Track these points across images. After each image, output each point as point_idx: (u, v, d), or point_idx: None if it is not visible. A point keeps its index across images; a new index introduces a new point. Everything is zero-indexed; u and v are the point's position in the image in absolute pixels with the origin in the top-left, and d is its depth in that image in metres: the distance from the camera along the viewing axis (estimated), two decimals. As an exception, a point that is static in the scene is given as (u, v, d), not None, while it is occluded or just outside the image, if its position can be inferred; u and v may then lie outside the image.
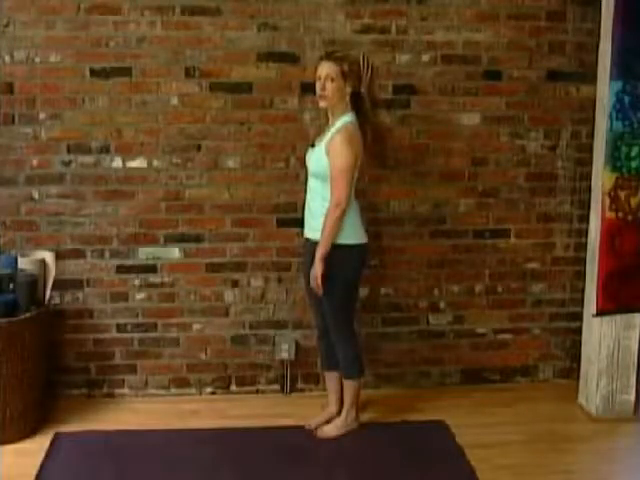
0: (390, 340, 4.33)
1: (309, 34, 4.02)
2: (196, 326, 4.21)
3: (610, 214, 3.85)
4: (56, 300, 4.09)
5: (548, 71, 4.20)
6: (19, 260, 3.82)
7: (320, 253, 3.48)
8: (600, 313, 3.96)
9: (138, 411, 4.06)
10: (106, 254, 4.10)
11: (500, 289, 4.37)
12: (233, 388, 4.28)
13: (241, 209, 4.12)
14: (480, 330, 4.39)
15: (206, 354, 4.24)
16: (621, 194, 3.84)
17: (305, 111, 4.06)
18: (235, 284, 4.19)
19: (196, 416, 4.01)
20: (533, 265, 4.37)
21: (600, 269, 3.91)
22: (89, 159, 4.02)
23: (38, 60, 3.91)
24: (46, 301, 3.85)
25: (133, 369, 4.21)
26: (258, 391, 4.30)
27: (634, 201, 3.85)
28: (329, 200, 3.49)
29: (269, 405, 4.16)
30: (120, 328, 4.17)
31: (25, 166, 3.99)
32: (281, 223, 4.15)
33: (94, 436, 3.76)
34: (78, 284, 4.12)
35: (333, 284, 3.53)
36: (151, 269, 4.14)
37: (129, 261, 4.12)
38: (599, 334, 4.02)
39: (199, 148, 4.06)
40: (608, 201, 3.84)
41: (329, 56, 3.58)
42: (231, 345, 4.25)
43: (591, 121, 4.11)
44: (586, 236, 4.16)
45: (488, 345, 4.41)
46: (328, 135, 3.54)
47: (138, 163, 4.04)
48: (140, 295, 4.16)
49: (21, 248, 4.00)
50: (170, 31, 3.95)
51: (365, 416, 3.96)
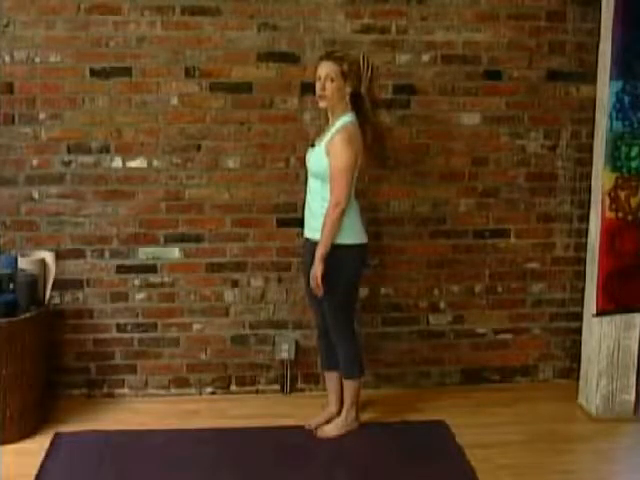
0: (390, 340, 4.33)
1: (309, 34, 4.02)
2: (196, 326, 4.21)
3: (610, 214, 3.85)
4: (56, 300, 4.09)
5: (548, 71, 4.20)
6: (19, 260, 3.82)
7: (320, 253, 3.47)
8: (600, 313, 3.95)
9: (138, 411, 4.06)
10: (106, 254, 4.10)
11: (500, 289, 4.37)
12: (233, 388, 4.28)
13: (241, 209, 4.12)
14: (480, 330, 4.39)
15: (206, 354, 4.24)
16: (621, 194, 3.84)
17: (305, 111, 4.06)
18: (235, 284, 4.19)
19: (196, 416, 4.01)
20: (533, 265, 4.37)
21: (600, 269, 3.90)
22: (89, 159, 4.02)
23: (38, 60, 3.91)
24: (46, 301, 3.86)
25: (133, 369, 4.21)
26: (258, 391, 4.30)
27: (634, 201, 3.84)
28: (329, 200, 3.50)
29: (269, 405, 4.16)
30: (120, 328, 4.17)
31: (25, 166, 3.99)
32: (281, 223, 4.15)
33: (94, 436, 3.76)
34: (78, 284, 4.12)
35: (333, 284, 3.53)
36: (151, 269, 4.14)
37: (129, 261, 4.12)
38: (599, 334, 4.02)
39: (199, 148, 4.06)
40: (608, 201, 3.84)
41: (329, 56, 3.57)
42: (231, 345, 4.25)
43: (591, 121, 4.11)
44: (586, 236, 4.16)
45: (488, 345, 4.41)
46: (328, 135, 3.53)
47: (138, 163, 4.05)
48: (140, 295, 4.16)
49: (21, 248, 4.00)
50: (170, 31, 3.96)
51: (365, 416, 3.96)
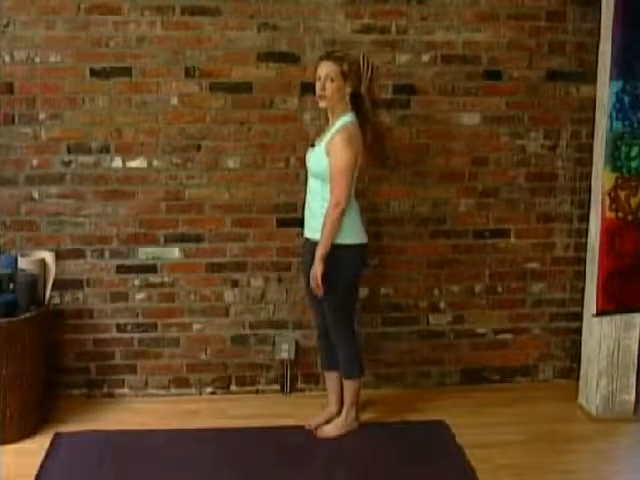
0: (390, 340, 4.33)
1: (309, 34, 4.02)
2: (196, 326, 4.21)
3: (610, 214, 3.85)
4: (56, 300, 4.09)
5: (548, 71, 4.20)
6: (19, 260, 3.82)
7: (320, 253, 3.47)
8: (600, 313, 3.95)
9: (138, 411, 4.06)
10: (106, 254, 4.10)
11: (500, 289, 4.37)
12: (233, 388, 4.28)
13: (241, 209, 4.12)
14: (480, 330, 4.39)
15: (206, 354, 4.24)
16: (621, 194, 3.84)
17: (305, 111, 4.06)
18: (235, 284, 4.19)
19: (196, 416, 4.01)
20: (533, 265, 4.37)
21: (600, 269, 3.90)
22: (89, 159, 4.02)
23: (38, 60, 3.91)
24: (46, 301, 3.86)
25: (133, 369, 4.21)
26: (258, 391, 4.30)
27: (634, 201, 3.84)
28: (329, 200, 3.50)
29: (269, 405, 4.16)
30: (120, 328, 4.17)
31: (25, 166, 3.99)
32: (281, 223, 4.15)
33: (94, 436, 3.76)
34: (78, 284, 4.12)
35: (333, 284, 3.53)
36: (151, 269, 4.14)
37: (129, 261, 4.12)
38: (599, 334, 4.02)
39: (199, 148, 4.06)
40: (608, 201, 3.84)
41: (329, 56, 3.57)
42: (231, 345, 4.25)
43: (591, 121, 4.11)
44: (586, 236, 4.16)
45: (488, 345, 4.41)
46: (328, 135, 3.53)
47: (138, 163, 4.05)
48: (140, 295, 4.16)
49: (21, 248, 4.00)
50: (170, 31, 3.96)
51: (365, 416, 3.96)
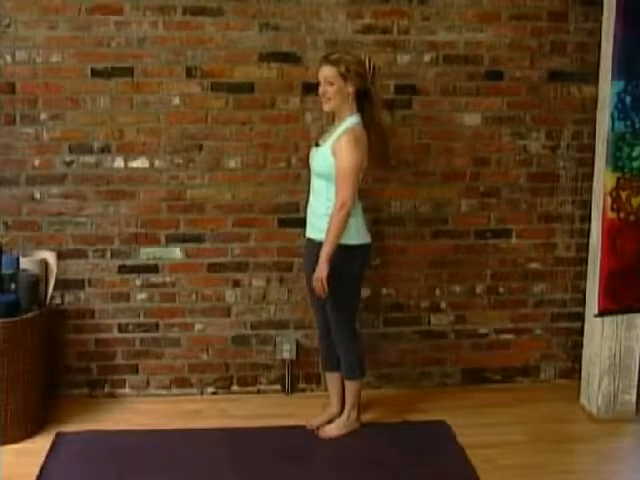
0: (391, 340, 4.33)
1: (311, 34, 4.02)
2: (197, 326, 4.21)
3: (612, 214, 3.85)
4: (57, 300, 4.09)
5: (550, 71, 4.20)
6: (21, 260, 3.82)
7: (325, 253, 3.45)
8: (602, 313, 3.95)
9: (139, 411, 4.06)
10: (107, 254, 4.10)
11: (501, 289, 4.37)
12: (234, 388, 4.28)
13: (243, 209, 4.12)
14: (481, 330, 4.39)
15: (207, 354, 4.24)
16: (622, 194, 3.84)
17: (307, 111, 4.06)
18: (236, 284, 4.19)
19: (197, 416, 4.01)
20: (535, 265, 4.37)
21: (602, 269, 3.90)
22: (91, 159, 4.02)
23: (40, 60, 3.91)
24: (47, 301, 3.86)
25: (134, 369, 4.21)
26: (259, 391, 4.30)
27: (635, 201, 3.84)
28: (333, 200, 3.48)
29: (270, 405, 4.16)
30: (121, 328, 4.17)
31: (27, 166, 3.99)
32: (282, 223, 4.15)
33: (95, 436, 3.76)
34: (79, 284, 4.12)
35: (336, 284, 3.52)
36: (152, 269, 4.14)
37: (130, 261, 4.12)
38: (601, 334, 4.01)
39: (201, 148, 4.06)
40: (610, 201, 3.84)
41: (326, 59, 3.54)
42: (232, 345, 4.25)
43: (593, 121, 4.10)
44: (588, 236, 4.16)
45: (489, 345, 4.41)
46: (334, 135, 3.51)
47: (140, 163, 4.05)
48: (141, 295, 4.16)
49: (23, 248, 4.00)
50: (172, 31, 3.95)
51: (366, 416, 3.95)
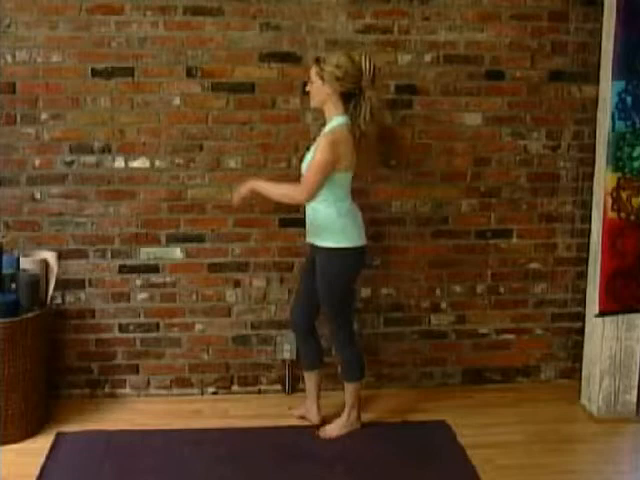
0: (392, 340, 4.33)
1: (311, 34, 4.02)
2: (198, 326, 4.21)
3: (612, 214, 3.85)
4: (58, 300, 4.09)
5: (550, 71, 4.19)
6: (21, 260, 3.82)
7: (256, 184, 3.58)
8: (602, 313, 3.95)
9: (140, 411, 4.07)
10: (108, 254, 4.10)
11: (502, 289, 4.37)
12: (235, 388, 4.29)
13: (243, 209, 4.10)
14: (482, 330, 4.39)
15: (208, 354, 4.24)
16: (623, 194, 3.84)
17: (307, 111, 4.05)
18: (237, 284, 4.19)
19: (198, 416, 4.01)
20: (535, 265, 4.37)
21: (602, 269, 3.90)
22: (91, 159, 4.02)
23: (40, 60, 3.91)
24: (48, 301, 3.86)
25: (135, 369, 4.21)
26: (260, 391, 4.30)
27: (636, 201, 3.84)
28: (329, 201, 3.50)
29: (271, 405, 4.16)
30: (122, 328, 4.17)
31: (27, 166, 3.99)
32: (283, 223, 4.15)
33: (96, 436, 3.76)
34: (80, 284, 4.12)
35: (330, 287, 3.55)
36: (153, 269, 4.14)
37: (131, 261, 4.12)
38: (601, 334, 4.01)
39: (201, 148, 4.06)
40: (610, 201, 3.84)
41: (316, 57, 3.62)
42: (233, 345, 4.25)
43: (593, 121, 4.10)
44: (588, 236, 4.15)
45: (490, 345, 4.41)
46: (318, 139, 3.54)
47: (140, 163, 4.05)
48: (142, 295, 4.16)
49: (23, 248, 4.00)
50: (172, 31, 3.95)
51: (367, 416, 3.95)
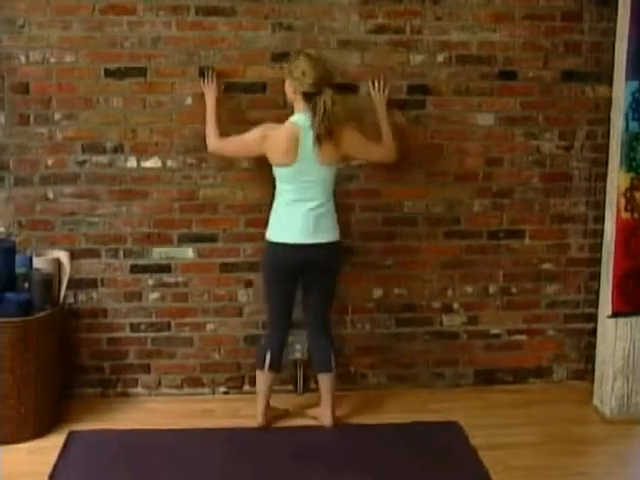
0: (403, 340, 4.33)
1: (323, 34, 4.02)
2: (209, 326, 4.22)
3: (625, 215, 3.83)
4: (70, 299, 4.10)
5: (563, 71, 4.18)
6: (34, 259, 3.84)
7: (208, 104, 3.89)
8: (615, 314, 3.93)
9: (151, 410, 4.07)
10: (120, 254, 4.11)
11: (514, 290, 4.35)
12: (246, 388, 4.29)
13: (255, 209, 4.12)
14: (494, 331, 4.38)
15: (219, 354, 4.25)
16: (637, 195, 3.82)
17: (319, 111, 4.06)
18: (249, 284, 4.19)
19: (209, 416, 4.02)
20: (548, 266, 4.35)
21: (615, 270, 3.88)
22: (104, 159, 4.03)
23: (53, 60, 3.92)
24: (60, 300, 3.87)
25: (147, 368, 4.22)
26: (271, 391, 4.29)
27: (649, 202, 3.83)
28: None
29: (282, 405, 4.15)
30: (134, 327, 4.18)
31: (40, 166, 4.01)
32: (295, 223, 4.15)
33: (108, 435, 3.77)
34: (92, 283, 4.13)
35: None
36: (165, 269, 4.14)
37: (143, 261, 4.13)
38: (614, 335, 3.99)
39: (213, 148, 4.07)
40: (623, 202, 3.82)
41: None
42: (244, 345, 4.25)
43: (607, 121, 4.08)
44: (601, 237, 4.14)
45: (502, 346, 4.39)
46: None
47: (152, 163, 4.05)
48: (154, 295, 4.17)
49: (36, 247, 4.02)
50: (185, 31, 3.96)
51: (378, 416, 3.96)
